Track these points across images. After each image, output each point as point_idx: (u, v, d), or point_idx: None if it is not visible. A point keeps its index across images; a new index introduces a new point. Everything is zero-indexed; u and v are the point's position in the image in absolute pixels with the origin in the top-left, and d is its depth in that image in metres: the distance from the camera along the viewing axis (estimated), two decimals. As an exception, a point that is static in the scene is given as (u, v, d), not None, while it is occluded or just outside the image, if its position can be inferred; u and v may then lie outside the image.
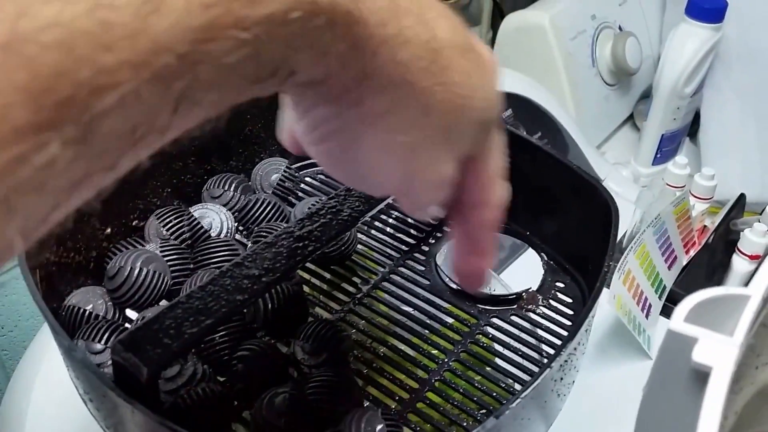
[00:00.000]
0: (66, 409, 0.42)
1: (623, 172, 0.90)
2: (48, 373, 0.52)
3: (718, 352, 0.26)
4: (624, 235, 0.74)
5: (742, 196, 0.77)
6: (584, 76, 0.89)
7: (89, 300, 0.39)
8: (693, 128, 0.94)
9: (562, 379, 0.37)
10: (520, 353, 0.43)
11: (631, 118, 1.00)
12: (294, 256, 0.35)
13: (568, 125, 0.82)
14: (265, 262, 0.34)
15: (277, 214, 0.47)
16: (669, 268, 0.70)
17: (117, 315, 0.41)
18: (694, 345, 0.26)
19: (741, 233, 0.73)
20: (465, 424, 0.39)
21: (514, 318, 0.45)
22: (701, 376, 0.26)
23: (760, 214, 0.74)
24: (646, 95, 0.97)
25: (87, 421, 0.36)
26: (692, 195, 0.76)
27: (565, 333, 0.44)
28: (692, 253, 0.74)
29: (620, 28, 0.92)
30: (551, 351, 0.43)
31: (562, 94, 0.86)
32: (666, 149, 0.93)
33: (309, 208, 0.40)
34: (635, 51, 0.90)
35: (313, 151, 0.27)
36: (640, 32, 0.94)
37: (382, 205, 0.39)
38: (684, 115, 0.91)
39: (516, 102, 0.78)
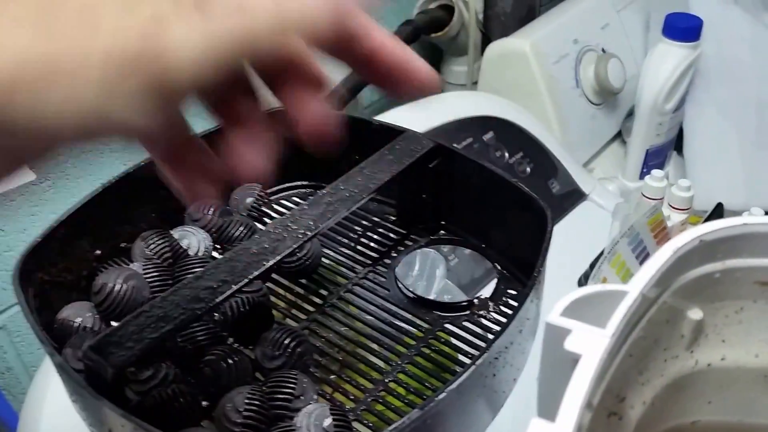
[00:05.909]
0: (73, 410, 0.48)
1: (609, 187, 0.94)
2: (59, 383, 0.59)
3: (588, 342, 0.29)
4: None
5: (719, 206, 0.80)
6: (568, 98, 0.92)
7: (78, 314, 0.44)
8: (680, 142, 0.97)
9: (494, 375, 0.41)
10: (470, 356, 0.47)
11: (620, 134, 1.03)
12: (249, 270, 0.40)
13: (551, 145, 0.86)
14: (222, 275, 0.39)
15: (249, 234, 0.51)
16: (647, 276, 0.74)
17: (103, 327, 0.46)
18: (567, 336, 0.30)
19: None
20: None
21: (466, 323, 0.49)
22: (574, 363, 0.29)
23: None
24: (633, 112, 1.00)
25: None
26: (670, 206, 0.79)
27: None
28: (671, 261, 0.76)
29: (603, 50, 0.96)
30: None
31: (546, 115, 0.90)
32: (652, 163, 0.96)
33: (266, 226, 0.45)
34: (618, 71, 0.94)
35: None
36: (624, 53, 0.97)
37: (330, 223, 0.44)
38: (667, 130, 0.94)
39: (498, 125, 0.82)
